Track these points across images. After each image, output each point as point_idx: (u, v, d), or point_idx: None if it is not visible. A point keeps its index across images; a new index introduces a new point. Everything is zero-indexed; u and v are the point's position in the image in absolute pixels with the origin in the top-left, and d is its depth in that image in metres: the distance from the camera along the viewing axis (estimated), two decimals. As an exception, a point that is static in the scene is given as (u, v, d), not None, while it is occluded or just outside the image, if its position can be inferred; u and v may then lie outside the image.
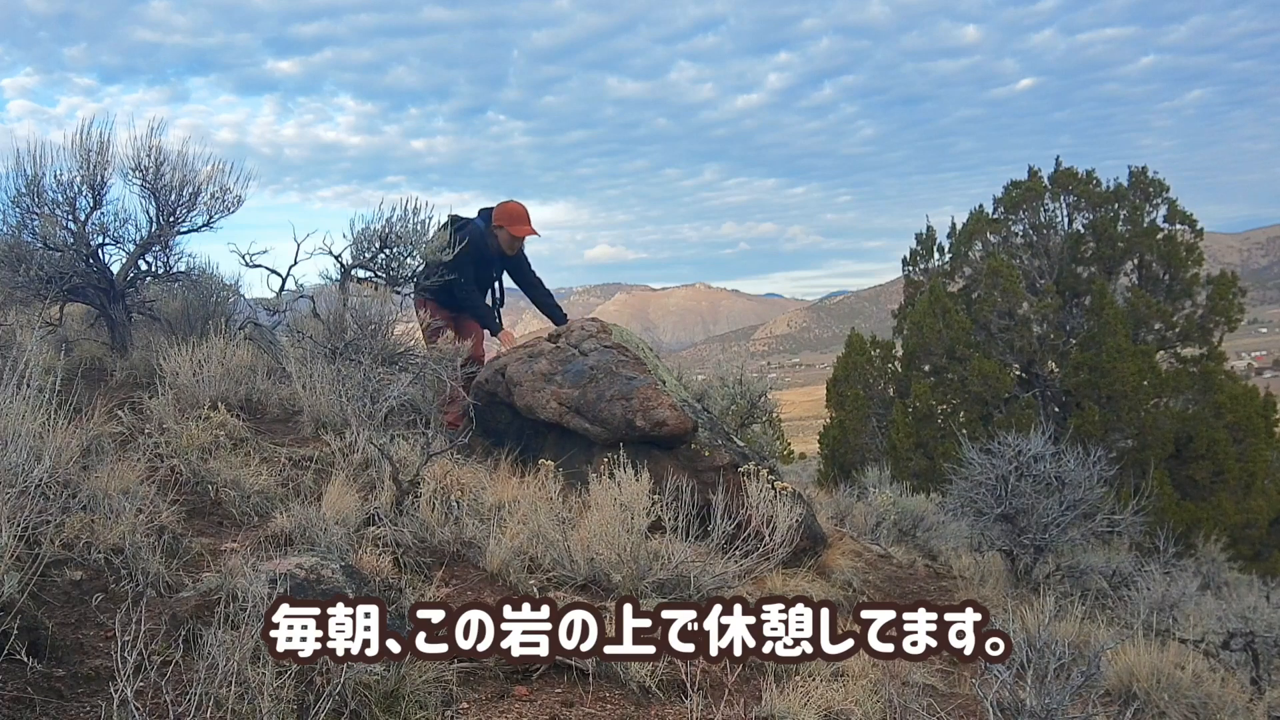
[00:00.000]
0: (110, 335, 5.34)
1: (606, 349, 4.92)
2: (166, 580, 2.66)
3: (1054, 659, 2.56)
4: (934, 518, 6.58)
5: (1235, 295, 12.35)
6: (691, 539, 3.46)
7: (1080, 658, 3.03)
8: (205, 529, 3.26)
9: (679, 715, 2.58)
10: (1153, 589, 4.73)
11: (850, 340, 14.06)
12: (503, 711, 2.47)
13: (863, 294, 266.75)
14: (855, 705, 2.69)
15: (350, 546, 3.07)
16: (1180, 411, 11.74)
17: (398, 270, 5.64)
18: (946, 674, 3.40)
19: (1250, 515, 11.30)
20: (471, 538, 3.50)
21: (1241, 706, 3.48)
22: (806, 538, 4.30)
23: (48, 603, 2.38)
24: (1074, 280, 12.83)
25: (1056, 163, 13.42)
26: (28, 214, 5.13)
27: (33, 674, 2.05)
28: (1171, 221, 12.88)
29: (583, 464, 4.43)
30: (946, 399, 12.46)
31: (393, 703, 2.29)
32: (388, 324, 5.26)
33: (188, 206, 5.48)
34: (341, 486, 3.51)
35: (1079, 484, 4.88)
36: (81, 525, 2.72)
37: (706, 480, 4.30)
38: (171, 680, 2.08)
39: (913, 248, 14.38)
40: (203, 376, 4.56)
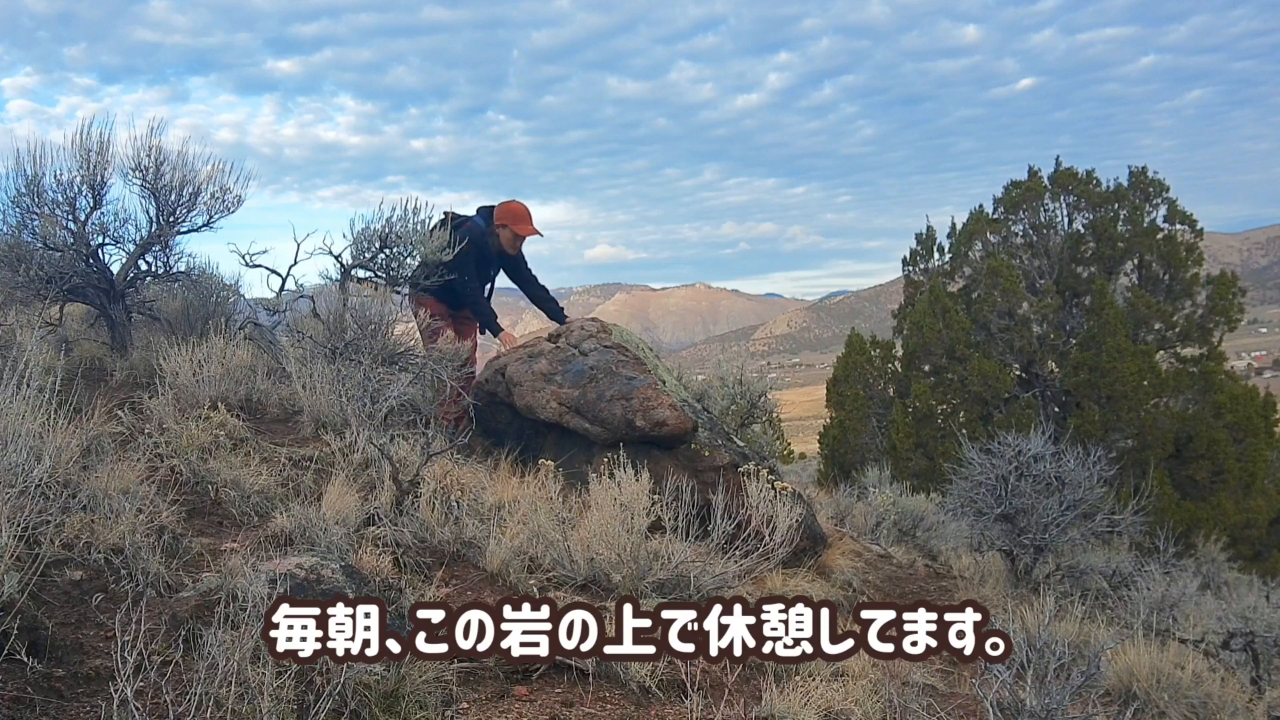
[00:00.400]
0: (110, 335, 5.34)
1: (606, 349, 4.92)
2: (166, 580, 2.66)
3: (1054, 659, 2.56)
4: (934, 518, 6.58)
5: (1235, 295, 12.35)
6: (691, 539, 3.46)
7: (1080, 658, 3.03)
8: (205, 529, 3.26)
9: (679, 715, 2.58)
10: (1153, 589, 4.73)
11: (850, 340, 14.06)
12: (503, 711, 2.47)
13: (863, 294, 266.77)
14: (855, 705, 2.69)
15: (350, 546, 3.07)
16: (1180, 411, 11.73)
17: (398, 270, 5.64)
18: (946, 674, 3.40)
19: (1250, 515, 11.30)
20: (471, 538, 3.50)
21: (1241, 706, 3.48)
22: (806, 538, 4.30)
23: (48, 603, 2.38)
24: (1074, 280, 12.83)
25: (1056, 163, 13.42)
26: (28, 214, 5.13)
27: (33, 674, 2.05)
28: (1171, 221, 12.88)
29: (583, 464, 4.43)
30: (946, 399, 12.45)
31: (393, 703, 2.29)
32: (388, 324, 5.26)
33: (188, 206, 5.47)
34: (341, 486, 3.51)
35: (1079, 484, 4.88)
36: (81, 525, 2.72)
37: (706, 480, 4.30)
38: (171, 680, 2.08)
39: (913, 248, 14.38)
40: (203, 376, 4.56)
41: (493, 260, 5.75)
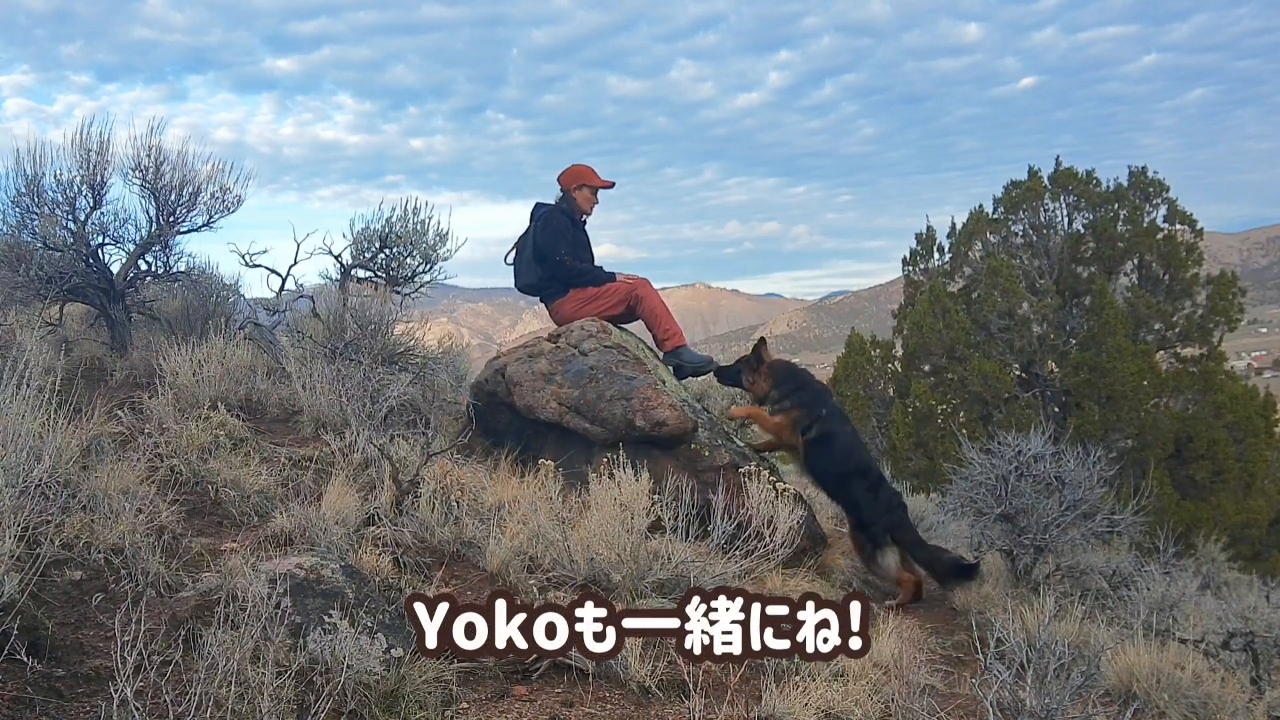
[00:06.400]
0: (110, 335, 5.34)
1: (606, 349, 4.92)
2: (166, 580, 2.66)
3: (1054, 659, 2.55)
4: (934, 518, 6.56)
5: (1235, 295, 12.34)
6: (691, 539, 3.46)
7: (1080, 658, 3.03)
8: (205, 529, 3.26)
9: (679, 715, 2.57)
10: (1153, 589, 4.72)
11: (850, 340, 14.05)
12: (502, 711, 2.47)
13: (863, 294, 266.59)
14: (855, 705, 2.69)
15: (350, 546, 3.07)
16: (1180, 411, 11.73)
17: (398, 270, 5.64)
18: (947, 674, 3.40)
19: (1250, 515, 11.29)
20: (471, 537, 3.50)
21: (1241, 706, 3.48)
22: (807, 538, 4.29)
23: (48, 603, 2.38)
24: (1074, 280, 12.82)
25: (1056, 162, 13.41)
26: (28, 214, 5.13)
27: (33, 674, 2.05)
28: (1171, 221, 12.88)
29: (583, 464, 4.43)
30: (946, 399, 12.45)
31: (393, 703, 2.29)
32: (388, 324, 5.26)
33: (187, 206, 5.48)
34: (341, 486, 3.51)
35: (1079, 484, 4.87)
36: (81, 525, 2.72)
37: (706, 480, 4.30)
38: (171, 680, 2.07)
39: (913, 248, 14.37)
40: (202, 376, 4.56)
41: (581, 227, 5.63)
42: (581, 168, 5.61)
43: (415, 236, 5.61)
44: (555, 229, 5.35)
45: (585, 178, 5.55)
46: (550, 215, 5.43)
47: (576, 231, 5.52)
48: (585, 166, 5.63)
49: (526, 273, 5.47)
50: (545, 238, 5.32)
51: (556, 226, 5.36)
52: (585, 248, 5.60)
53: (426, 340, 5.85)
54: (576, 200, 5.54)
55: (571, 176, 5.56)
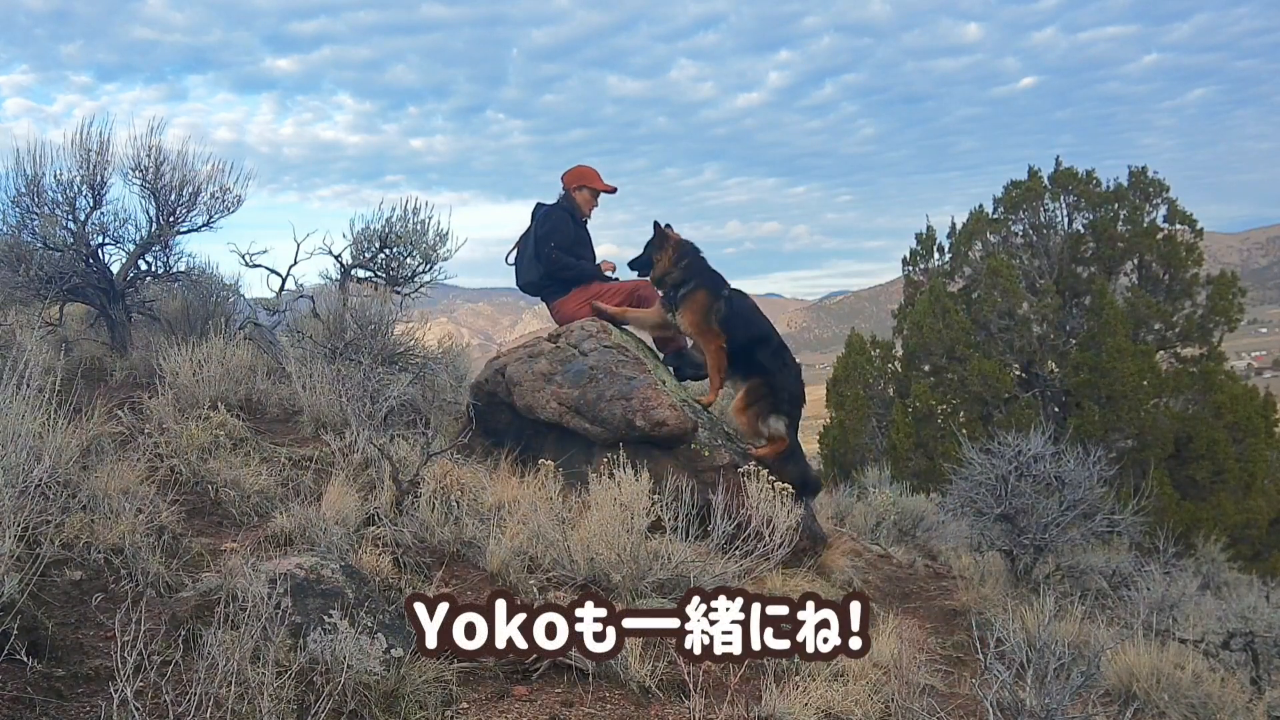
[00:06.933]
0: (110, 335, 5.33)
1: (606, 349, 4.91)
2: (166, 580, 2.66)
3: (1054, 659, 2.55)
4: (934, 518, 6.57)
5: (1235, 295, 12.34)
6: (691, 539, 3.46)
7: (1080, 658, 3.03)
8: (205, 529, 3.26)
9: (679, 715, 2.57)
10: (1153, 589, 4.73)
11: (850, 340, 14.04)
12: (502, 711, 2.47)
13: (863, 294, 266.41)
14: (855, 705, 2.69)
15: (350, 546, 3.07)
16: (1180, 411, 11.72)
17: (398, 270, 5.64)
18: (947, 674, 3.40)
19: (1250, 515, 11.29)
20: (471, 538, 3.50)
21: (1241, 706, 3.48)
22: (806, 538, 4.29)
23: (48, 603, 2.38)
24: (1074, 280, 12.81)
25: (1056, 162, 13.40)
26: (28, 214, 5.13)
27: (33, 674, 2.05)
28: (1171, 221, 12.87)
29: (583, 464, 4.42)
30: (946, 399, 12.44)
31: (393, 703, 2.29)
32: (388, 324, 5.26)
33: (187, 206, 5.48)
34: (341, 486, 3.50)
35: (1079, 484, 4.88)
36: (81, 525, 2.72)
37: (706, 480, 4.30)
38: (171, 680, 2.08)
39: (913, 248, 14.36)
40: (202, 376, 4.56)
41: (582, 225, 5.64)
42: (585, 169, 5.63)
43: (415, 236, 5.61)
44: (553, 223, 5.38)
45: (587, 179, 5.57)
46: (551, 211, 5.46)
47: (578, 229, 5.53)
48: (589, 168, 5.64)
49: (527, 271, 5.48)
50: (542, 231, 5.35)
51: (555, 221, 5.40)
52: (586, 245, 5.61)
53: (426, 340, 5.85)
54: (577, 200, 5.57)
55: (574, 176, 5.59)
